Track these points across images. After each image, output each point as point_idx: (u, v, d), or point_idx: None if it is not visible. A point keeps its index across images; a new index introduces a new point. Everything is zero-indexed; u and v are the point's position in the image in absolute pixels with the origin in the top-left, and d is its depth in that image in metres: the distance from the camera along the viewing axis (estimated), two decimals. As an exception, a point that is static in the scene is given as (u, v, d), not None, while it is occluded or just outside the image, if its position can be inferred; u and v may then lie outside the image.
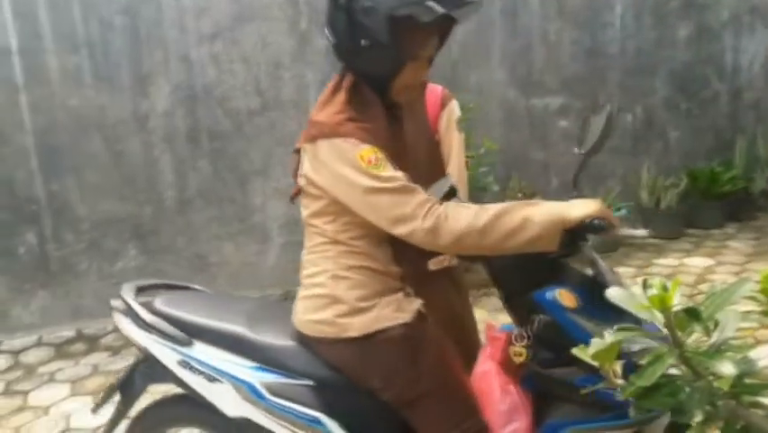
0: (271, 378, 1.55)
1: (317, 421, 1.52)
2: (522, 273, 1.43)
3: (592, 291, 1.33)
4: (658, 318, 0.84)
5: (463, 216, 1.32)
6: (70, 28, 3.46)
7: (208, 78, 3.79)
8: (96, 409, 1.85)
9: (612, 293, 0.89)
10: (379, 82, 1.44)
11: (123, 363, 3.16)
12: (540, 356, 1.40)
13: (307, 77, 4.01)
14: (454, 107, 1.90)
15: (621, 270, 4.08)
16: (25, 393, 3.13)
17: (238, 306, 1.77)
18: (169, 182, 3.78)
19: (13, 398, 3.10)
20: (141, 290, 1.78)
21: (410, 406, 1.48)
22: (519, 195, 4.11)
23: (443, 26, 1.45)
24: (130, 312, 1.69)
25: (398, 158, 1.42)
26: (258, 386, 1.55)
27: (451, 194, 1.49)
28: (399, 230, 1.35)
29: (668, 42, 4.93)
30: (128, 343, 1.86)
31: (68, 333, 3.57)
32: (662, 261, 4.40)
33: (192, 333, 1.62)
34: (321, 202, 1.47)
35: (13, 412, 2.96)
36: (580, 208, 1.32)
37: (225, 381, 1.56)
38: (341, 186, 1.39)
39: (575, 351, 0.93)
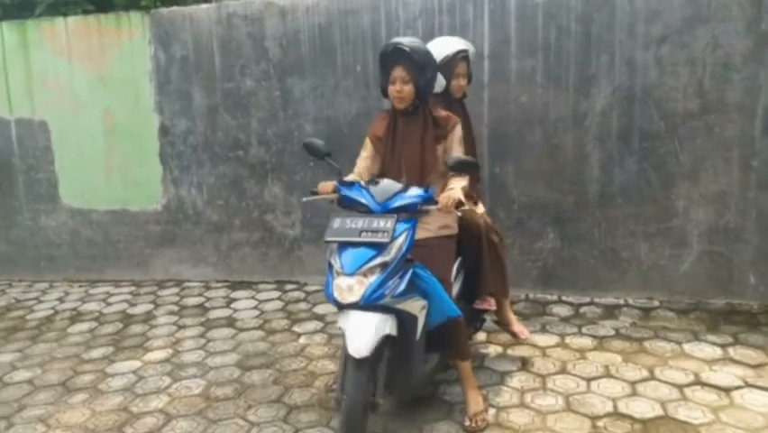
0: None
1: None
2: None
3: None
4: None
5: None
6: (532, 35, 4.01)
7: (649, 79, 3.87)
8: None
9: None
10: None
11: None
12: None
13: (760, 78, 3.70)
14: None
15: None
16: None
17: None
18: (595, 177, 4.04)
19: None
20: None
21: None
22: None
23: (405, 63, 2.60)
24: None
25: (390, 141, 2.75)
26: None
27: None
28: None
29: None
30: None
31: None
32: None
33: None
34: None
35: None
36: None
37: None
38: None
39: None
